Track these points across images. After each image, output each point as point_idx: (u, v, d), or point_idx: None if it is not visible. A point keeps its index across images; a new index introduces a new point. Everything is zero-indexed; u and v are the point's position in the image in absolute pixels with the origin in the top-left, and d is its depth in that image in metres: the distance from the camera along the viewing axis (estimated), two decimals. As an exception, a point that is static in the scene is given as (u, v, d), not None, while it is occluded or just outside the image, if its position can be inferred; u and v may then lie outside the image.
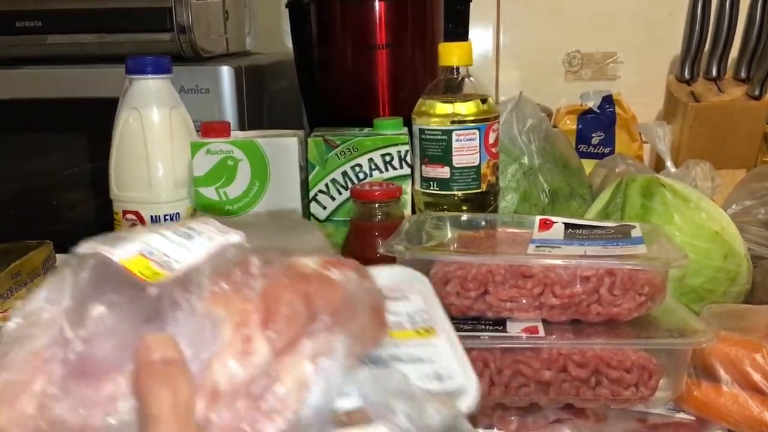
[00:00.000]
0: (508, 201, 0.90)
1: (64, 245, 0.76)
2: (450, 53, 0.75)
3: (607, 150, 1.14)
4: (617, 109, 1.14)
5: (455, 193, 0.75)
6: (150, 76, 0.75)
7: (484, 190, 0.76)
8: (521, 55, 1.23)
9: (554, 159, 0.94)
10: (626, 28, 1.20)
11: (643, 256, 0.57)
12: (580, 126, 1.15)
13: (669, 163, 1.01)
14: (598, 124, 1.14)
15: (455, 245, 0.67)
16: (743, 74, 1.06)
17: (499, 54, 1.24)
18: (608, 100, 1.14)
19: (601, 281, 0.55)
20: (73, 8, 0.90)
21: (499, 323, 0.57)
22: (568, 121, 1.15)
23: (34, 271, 0.71)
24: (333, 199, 0.78)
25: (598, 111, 1.14)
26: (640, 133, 1.14)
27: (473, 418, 0.42)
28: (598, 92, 1.15)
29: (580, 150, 1.14)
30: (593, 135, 1.14)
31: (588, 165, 1.01)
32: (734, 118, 1.04)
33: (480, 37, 1.22)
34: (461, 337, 0.55)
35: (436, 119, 0.74)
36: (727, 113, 1.04)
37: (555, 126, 1.10)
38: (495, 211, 0.79)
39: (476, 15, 1.04)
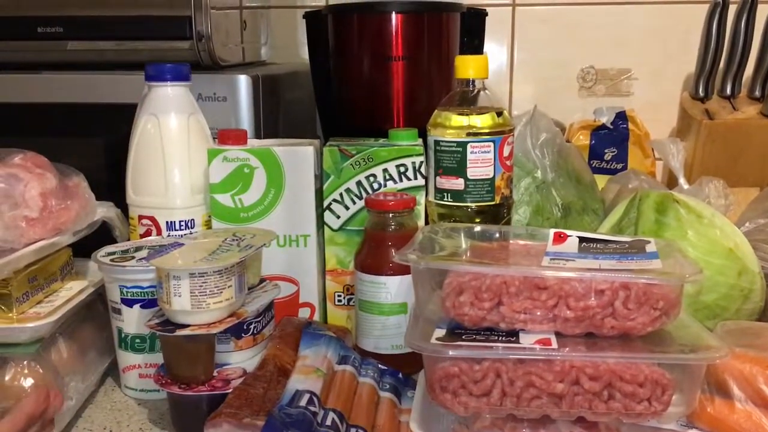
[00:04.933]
0: (520, 214, 0.90)
1: (82, 250, 0.77)
2: (466, 66, 0.76)
3: (619, 166, 1.14)
4: (631, 126, 1.14)
5: (469, 204, 0.75)
6: (169, 83, 0.75)
7: (497, 202, 0.76)
8: (535, 70, 1.24)
9: (567, 173, 0.94)
10: (641, 45, 1.20)
11: (658, 271, 0.57)
12: (593, 141, 1.15)
13: (682, 180, 1.01)
14: (611, 139, 1.14)
15: (468, 256, 0.67)
16: (757, 93, 1.06)
17: (513, 69, 1.25)
18: (622, 116, 1.15)
19: (615, 295, 0.55)
20: (93, 15, 0.91)
21: (512, 335, 0.57)
22: (581, 137, 1.16)
23: (52, 276, 0.72)
24: (347, 208, 0.78)
25: (611, 127, 1.14)
26: (653, 150, 1.14)
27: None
28: (611, 108, 1.15)
29: (593, 165, 1.14)
30: (606, 151, 1.15)
31: (600, 181, 1.02)
32: (748, 136, 1.04)
33: (494, 51, 1.23)
34: (474, 348, 0.55)
35: (451, 131, 0.74)
36: (741, 131, 1.04)
37: (568, 141, 1.10)
38: (508, 223, 0.79)
39: (491, 29, 1.04)
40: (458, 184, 0.75)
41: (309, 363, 0.62)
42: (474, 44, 1.02)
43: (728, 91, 1.07)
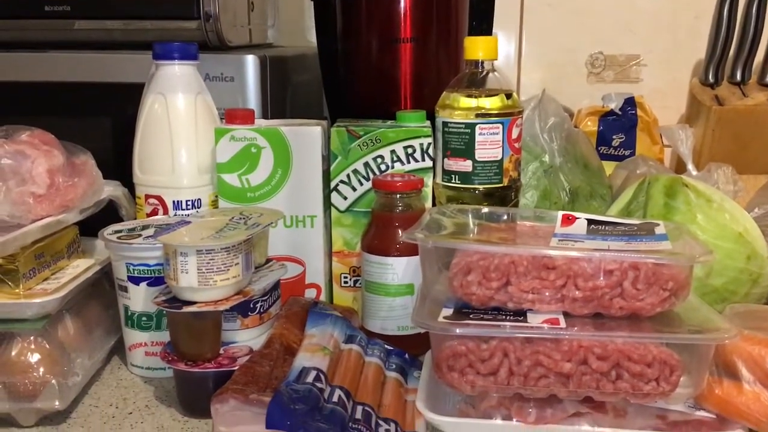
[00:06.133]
0: (528, 198, 0.90)
1: (89, 230, 0.77)
2: (475, 47, 0.75)
3: (627, 152, 1.14)
4: (639, 112, 1.14)
5: (477, 186, 0.75)
6: (177, 61, 0.75)
7: (505, 184, 0.76)
8: (544, 56, 1.23)
9: (575, 159, 0.94)
10: (651, 31, 1.19)
11: (668, 251, 0.57)
12: (601, 127, 1.14)
13: (690, 167, 1.00)
14: (619, 126, 1.14)
15: (476, 236, 0.67)
16: (768, 79, 1.06)
17: (521, 55, 1.24)
18: (630, 103, 1.14)
19: (624, 275, 0.55)
20: (101, -6, 0.90)
21: (520, 314, 0.57)
22: (589, 123, 1.15)
23: (58, 254, 0.72)
24: (354, 189, 0.78)
25: (619, 113, 1.14)
26: (661, 136, 1.13)
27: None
28: (620, 94, 1.15)
29: (601, 152, 1.13)
30: (614, 137, 1.14)
31: (608, 167, 1.01)
32: (758, 122, 1.03)
33: (503, 37, 1.22)
34: (481, 326, 0.55)
35: (459, 112, 0.74)
36: (750, 118, 1.03)
37: (576, 127, 1.09)
38: (515, 206, 0.79)
39: (500, 15, 1.04)
40: (466, 165, 0.75)
41: (315, 342, 0.62)
42: (483, 28, 1.01)
43: (738, 77, 1.06)
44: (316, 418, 0.50)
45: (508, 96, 0.75)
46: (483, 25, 1.02)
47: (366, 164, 0.77)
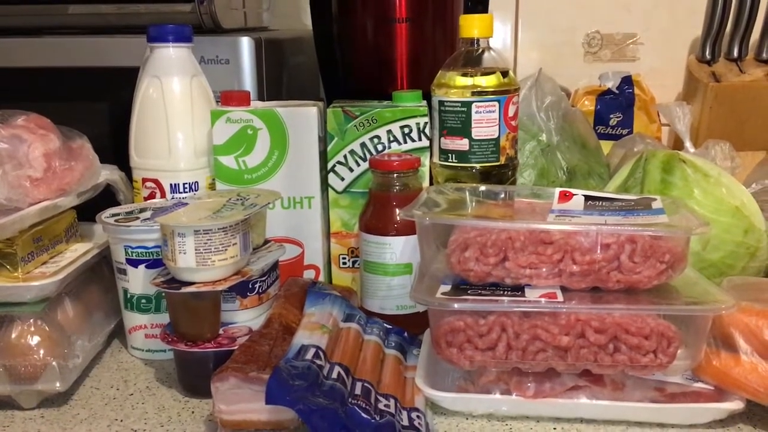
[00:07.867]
0: (525, 177, 0.90)
1: (86, 213, 0.77)
2: (471, 25, 0.75)
3: (625, 131, 1.13)
4: (636, 91, 1.13)
5: (474, 165, 0.75)
6: (171, 44, 0.75)
7: (502, 163, 0.75)
8: (540, 37, 1.23)
9: (572, 138, 0.94)
10: (648, 10, 1.18)
11: (665, 224, 0.57)
12: (599, 107, 1.14)
13: (688, 144, 1.00)
14: (617, 105, 1.13)
15: (473, 213, 0.67)
16: (765, 55, 1.05)
17: (517, 34, 1.23)
18: (627, 81, 1.13)
19: (621, 248, 0.55)
20: (94, -21, 0.90)
21: (518, 290, 0.57)
22: (586, 102, 1.15)
23: (56, 238, 0.72)
24: (351, 170, 0.78)
25: (616, 92, 1.13)
26: (658, 115, 1.13)
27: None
28: (617, 73, 1.14)
29: (598, 131, 1.13)
30: (611, 116, 1.14)
31: (605, 147, 1.01)
32: (755, 98, 1.03)
33: (499, 17, 1.21)
34: (479, 301, 0.55)
35: (455, 90, 0.74)
36: (747, 94, 1.03)
37: (573, 106, 1.09)
38: (513, 185, 0.79)
39: (496, -6, 1.03)
40: (463, 144, 0.75)
41: (315, 320, 0.62)
42: (479, 9, 1.01)
43: (735, 53, 1.06)
44: (315, 394, 0.50)
45: (504, 74, 0.75)
46: (479, 5, 1.01)
47: (363, 144, 0.77)
